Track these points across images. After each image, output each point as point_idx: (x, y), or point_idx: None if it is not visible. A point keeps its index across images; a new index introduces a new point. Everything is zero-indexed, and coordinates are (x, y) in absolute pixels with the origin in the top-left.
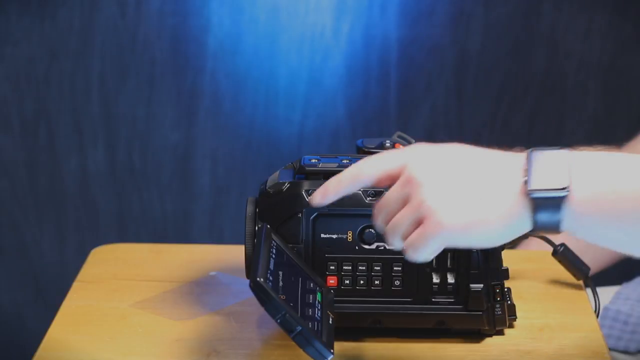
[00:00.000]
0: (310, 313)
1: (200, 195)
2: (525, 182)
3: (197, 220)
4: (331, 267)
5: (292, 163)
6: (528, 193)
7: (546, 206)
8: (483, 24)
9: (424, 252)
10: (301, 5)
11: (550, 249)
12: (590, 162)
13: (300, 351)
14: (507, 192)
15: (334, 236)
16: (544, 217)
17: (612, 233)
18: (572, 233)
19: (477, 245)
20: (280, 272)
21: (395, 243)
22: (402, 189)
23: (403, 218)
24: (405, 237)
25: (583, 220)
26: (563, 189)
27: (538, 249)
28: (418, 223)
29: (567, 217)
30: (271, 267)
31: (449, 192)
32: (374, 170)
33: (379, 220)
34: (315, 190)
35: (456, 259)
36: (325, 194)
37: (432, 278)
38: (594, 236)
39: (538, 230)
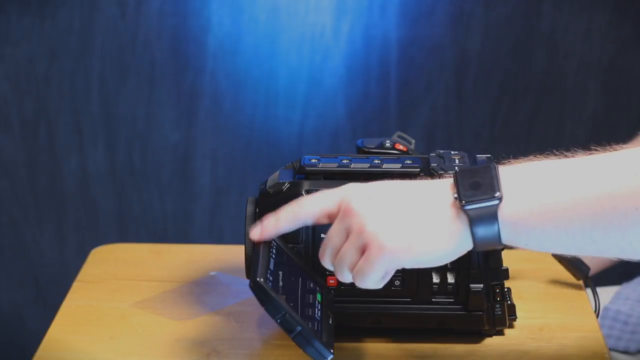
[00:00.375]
0: (310, 313)
1: (200, 195)
2: (456, 198)
3: (197, 220)
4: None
5: (292, 163)
6: (461, 207)
7: (481, 218)
8: (483, 24)
9: (371, 277)
10: (301, 5)
11: None
12: (519, 172)
13: (300, 351)
14: (442, 210)
15: None
16: (482, 230)
17: (552, 238)
18: (515, 243)
19: (423, 265)
20: (280, 272)
21: (344, 276)
22: (342, 222)
23: (347, 248)
24: (352, 268)
25: (521, 229)
26: (494, 197)
27: None
28: (362, 251)
29: (505, 227)
30: (271, 267)
31: (387, 217)
32: (312, 210)
33: (325, 258)
34: (314, 190)
35: (456, 259)
36: (263, 233)
37: (432, 278)
38: (536, 243)
39: (480, 245)
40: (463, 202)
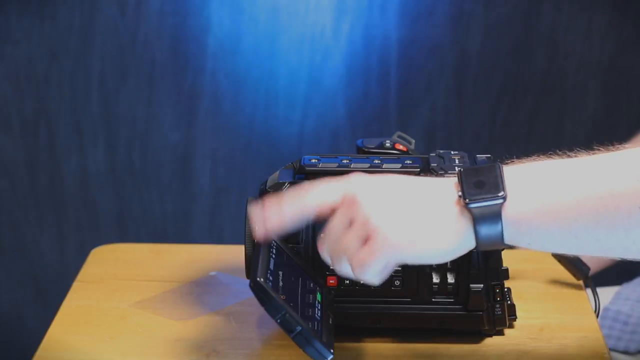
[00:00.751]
0: (310, 313)
1: (200, 195)
2: (460, 197)
3: (197, 220)
4: (331, 267)
5: (292, 163)
6: (465, 205)
7: (485, 217)
8: (483, 24)
9: (372, 269)
10: (301, 5)
11: None
12: (523, 171)
13: (300, 351)
14: (446, 208)
15: None
16: (485, 229)
17: (555, 238)
18: (518, 243)
19: (425, 262)
20: (280, 272)
21: (342, 266)
22: (346, 212)
23: (349, 238)
24: (351, 259)
25: (524, 228)
26: (498, 196)
27: None
28: (364, 242)
29: (508, 226)
30: (271, 267)
31: (392, 210)
32: (315, 203)
33: (325, 249)
34: None
35: (456, 259)
36: (269, 233)
37: (432, 278)
38: (539, 242)
39: (483, 244)
40: (467, 200)
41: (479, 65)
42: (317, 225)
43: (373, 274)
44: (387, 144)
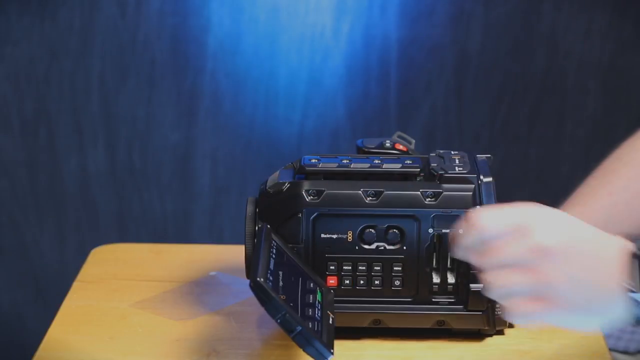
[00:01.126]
0: (310, 313)
1: (200, 195)
2: (628, 286)
3: (197, 220)
4: (331, 267)
5: (292, 163)
6: (630, 292)
7: None
8: (483, 24)
9: (530, 322)
10: (301, 5)
11: None
12: None
13: (300, 351)
14: (615, 289)
15: (334, 236)
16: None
17: None
18: None
19: (576, 329)
20: (280, 272)
21: (494, 293)
22: (527, 254)
23: (521, 287)
24: (514, 304)
25: None
26: None
27: None
28: (535, 297)
29: None
30: (271, 267)
31: (573, 276)
32: (497, 227)
33: (485, 263)
34: (314, 190)
35: (457, 259)
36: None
37: (432, 278)
38: None
39: (637, 326)
40: (634, 291)
41: (479, 65)
42: (317, 226)
43: (526, 323)
44: (387, 144)
